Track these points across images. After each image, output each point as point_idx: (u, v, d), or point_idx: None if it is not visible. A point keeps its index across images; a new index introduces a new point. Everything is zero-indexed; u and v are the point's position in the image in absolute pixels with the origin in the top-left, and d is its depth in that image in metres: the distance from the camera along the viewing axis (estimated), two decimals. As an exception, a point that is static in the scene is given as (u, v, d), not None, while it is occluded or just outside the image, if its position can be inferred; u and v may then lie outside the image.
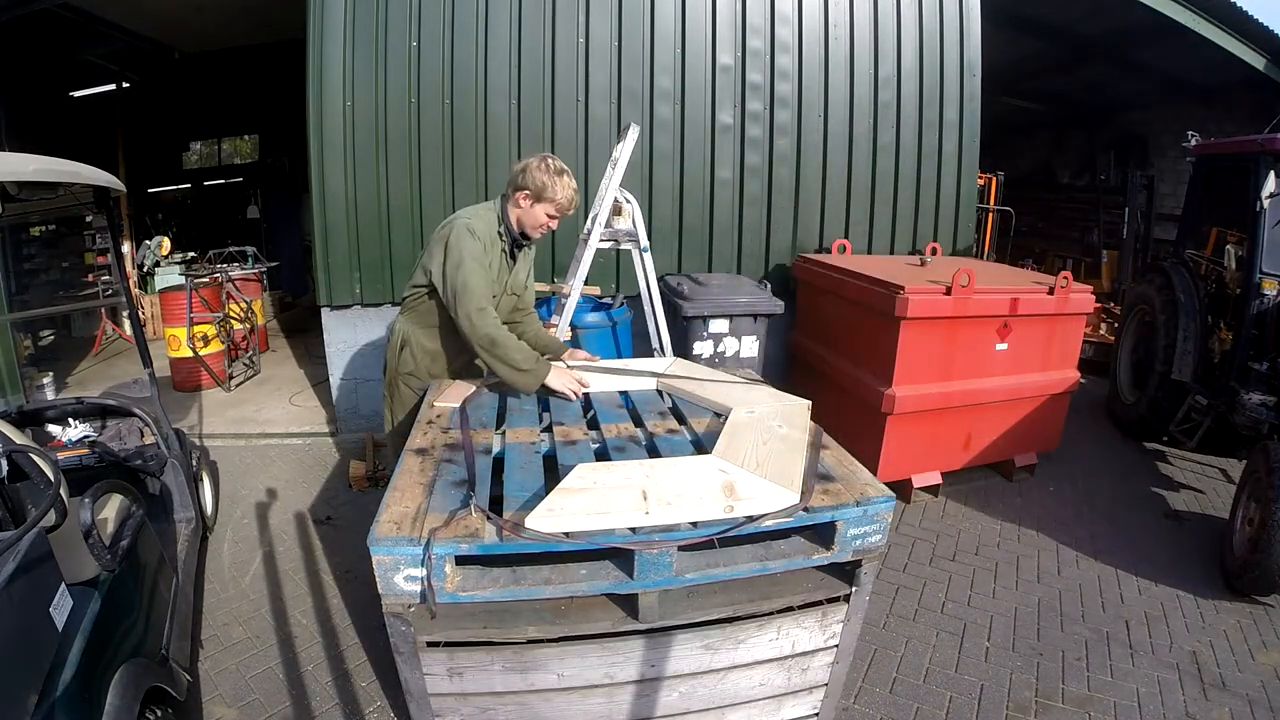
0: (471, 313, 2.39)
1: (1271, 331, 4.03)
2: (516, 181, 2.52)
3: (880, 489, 1.84)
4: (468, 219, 2.51)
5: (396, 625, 1.62)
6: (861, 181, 5.30)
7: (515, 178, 2.53)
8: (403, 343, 2.72)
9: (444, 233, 2.50)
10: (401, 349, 2.72)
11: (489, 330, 2.39)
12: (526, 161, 2.53)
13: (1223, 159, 4.77)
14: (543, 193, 2.50)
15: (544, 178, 2.49)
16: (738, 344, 4.14)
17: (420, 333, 2.71)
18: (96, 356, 6.86)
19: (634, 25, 4.85)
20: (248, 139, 12.75)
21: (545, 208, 2.54)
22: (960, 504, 4.10)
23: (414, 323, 2.72)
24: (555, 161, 2.53)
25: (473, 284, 2.40)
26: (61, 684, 1.51)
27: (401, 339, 2.72)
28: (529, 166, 2.51)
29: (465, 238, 2.45)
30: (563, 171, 2.52)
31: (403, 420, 2.72)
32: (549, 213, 2.55)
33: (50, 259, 7.63)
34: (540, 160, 2.52)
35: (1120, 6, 6.41)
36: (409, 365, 2.72)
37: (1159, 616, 3.10)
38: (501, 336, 2.41)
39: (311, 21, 4.43)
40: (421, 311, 2.69)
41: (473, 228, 2.48)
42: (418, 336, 2.71)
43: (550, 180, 2.49)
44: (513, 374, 2.43)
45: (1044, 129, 11.31)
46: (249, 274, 6.78)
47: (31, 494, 2.11)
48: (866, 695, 2.57)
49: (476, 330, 2.39)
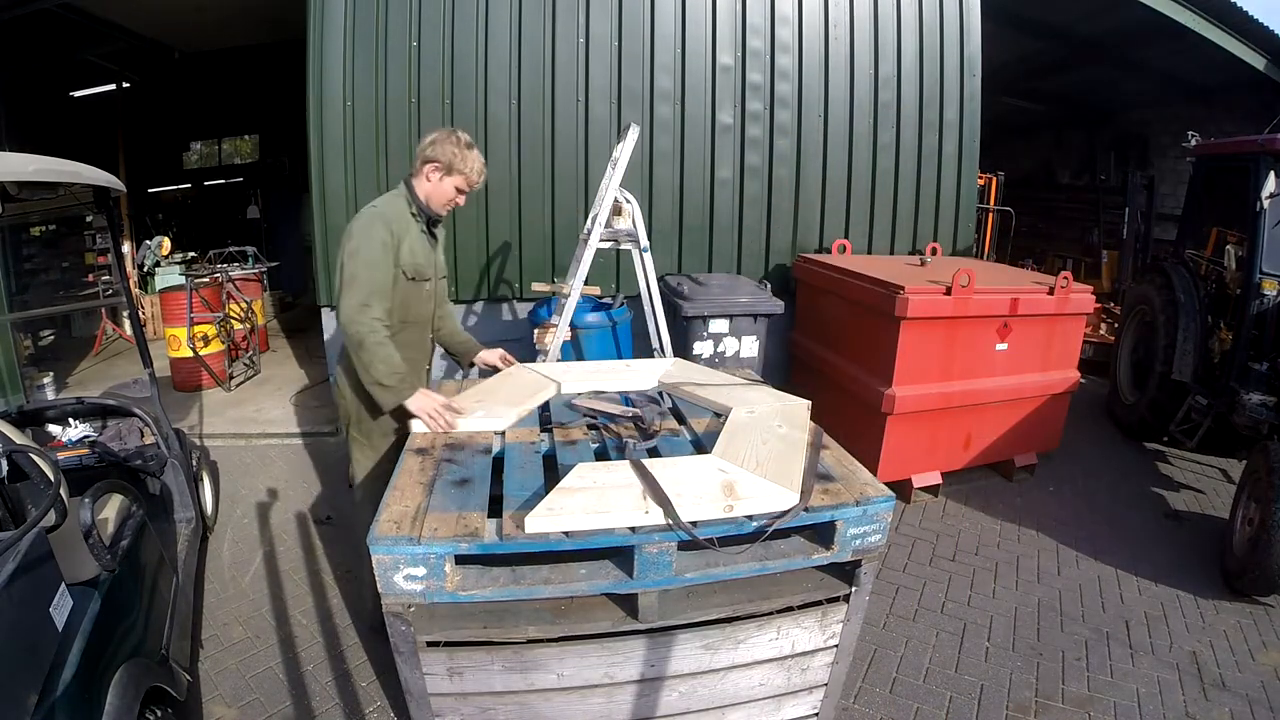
0: (353, 306, 2.23)
1: (1271, 331, 4.03)
2: (425, 154, 2.40)
3: (880, 489, 1.84)
4: (374, 204, 2.41)
5: (396, 625, 1.62)
6: (861, 181, 5.30)
7: (424, 150, 2.41)
8: (351, 373, 2.42)
9: (352, 224, 2.37)
10: (352, 382, 2.44)
11: (362, 332, 2.22)
12: (433, 135, 2.42)
13: (1223, 159, 4.77)
14: (453, 165, 2.39)
15: (454, 149, 2.38)
16: (738, 344, 4.14)
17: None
18: (96, 356, 6.86)
19: (634, 25, 4.85)
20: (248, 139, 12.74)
21: (455, 180, 2.43)
22: (960, 504, 4.10)
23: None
24: (464, 135, 2.43)
25: (363, 277, 2.26)
26: (61, 684, 1.51)
27: (348, 372, 2.45)
28: (437, 139, 2.39)
29: (374, 225, 2.31)
30: (472, 145, 2.43)
31: (382, 460, 2.49)
32: (458, 186, 2.44)
33: (50, 259, 7.64)
34: (448, 133, 2.42)
35: (1120, 6, 6.41)
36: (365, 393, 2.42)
37: (1159, 616, 3.10)
38: (372, 343, 2.22)
39: (312, 21, 4.43)
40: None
41: (383, 213, 2.35)
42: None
43: (460, 152, 2.39)
44: (372, 386, 2.26)
45: (1044, 129, 11.31)
46: (249, 274, 6.78)
47: (31, 494, 2.11)
48: (866, 695, 2.57)
49: (350, 326, 2.23)
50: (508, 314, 5.10)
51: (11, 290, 6.25)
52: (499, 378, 2.65)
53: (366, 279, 2.27)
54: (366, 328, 2.23)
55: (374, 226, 2.31)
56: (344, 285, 2.28)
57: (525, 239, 4.90)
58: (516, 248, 4.91)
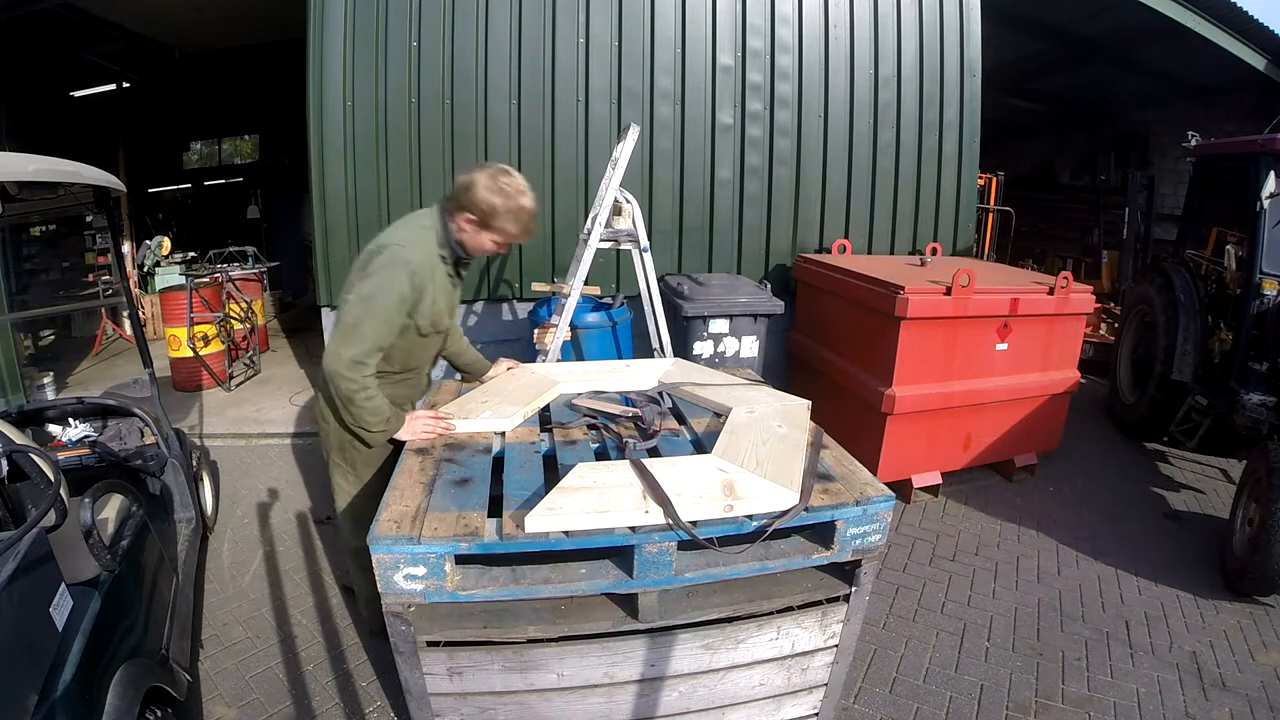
0: (347, 360, 1.97)
1: (1271, 331, 4.03)
2: (460, 199, 2.04)
3: (880, 489, 1.84)
4: (402, 244, 2.04)
5: (396, 625, 1.63)
6: (861, 181, 5.30)
7: (460, 193, 2.04)
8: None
9: (373, 258, 2.03)
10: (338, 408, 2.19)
11: (352, 390, 2.00)
12: (473, 175, 2.03)
13: (1223, 159, 4.77)
14: (491, 221, 2.03)
15: (494, 200, 2.00)
16: (738, 344, 4.14)
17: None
18: (97, 356, 6.86)
19: (634, 25, 4.85)
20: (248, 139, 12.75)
21: (493, 236, 2.08)
22: (960, 504, 4.10)
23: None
24: (514, 180, 2.04)
25: (368, 332, 1.99)
26: (61, 684, 1.51)
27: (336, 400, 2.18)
28: (477, 183, 2.01)
29: (397, 275, 2.00)
30: (523, 193, 2.04)
31: (366, 490, 2.33)
32: (496, 241, 2.11)
33: (50, 259, 7.63)
34: (491, 176, 2.02)
35: (1120, 6, 6.42)
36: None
37: (1159, 616, 3.10)
38: (361, 399, 2.02)
39: (312, 21, 4.43)
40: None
41: (409, 261, 2.01)
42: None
43: (502, 205, 2.01)
44: (360, 430, 2.14)
45: (1044, 129, 11.30)
46: (249, 274, 6.78)
47: (31, 494, 2.11)
48: (866, 695, 2.57)
49: (339, 380, 1.99)
50: (508, 314, 5.10)
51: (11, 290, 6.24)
52: (502, 378, 2.65)
53: (372, 334, 2.00)
54: (357, 385, 2.01)
55: (397, 276, 2.00)
56: (345, 329, 2.00)
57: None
58: (516, 247, 4.89)
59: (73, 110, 8.71)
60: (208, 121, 11.69)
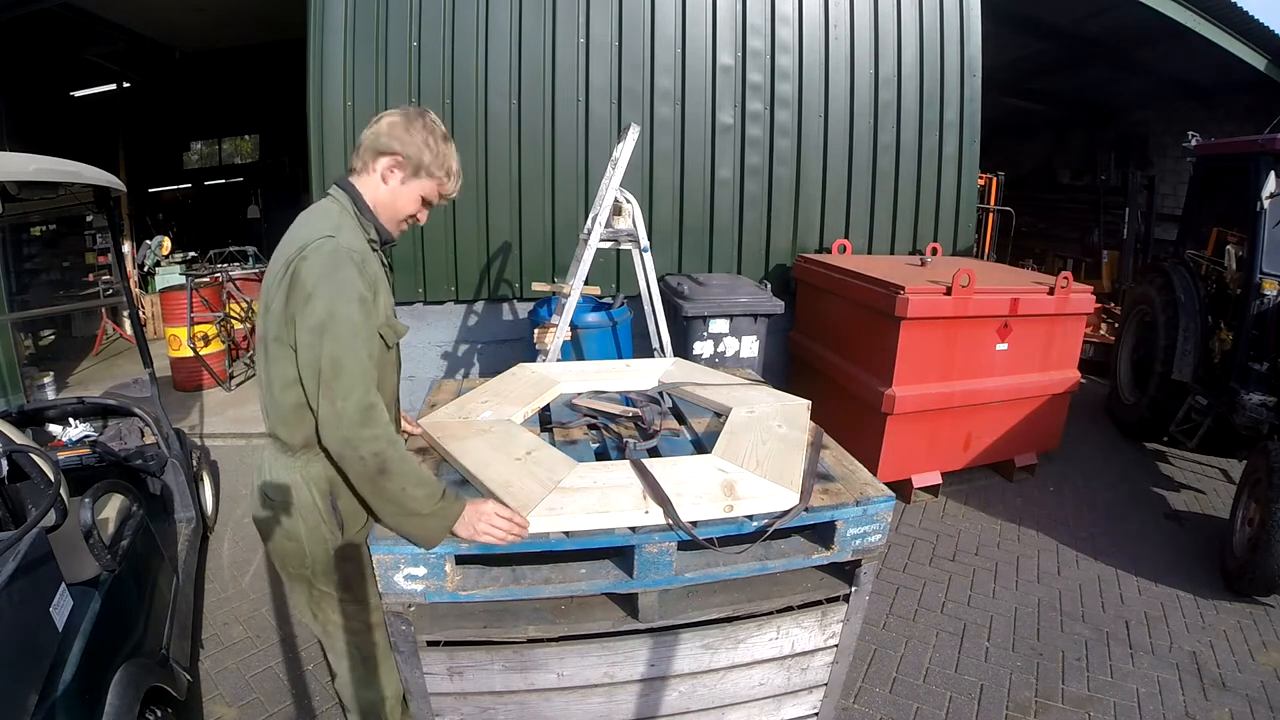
0: (354, 412, 1.41)
1: (1271, 331, 4.03)
2: (380, 142, 1.57)
3: (880, 489, 1.84)
4: (330, 234, 1.49)
5: (396, 625, 1.62)
6: (862, 181, 5.30)
7: (378, 136, 1.57)
8: (327, 494, 1.61)
9: (294, 267, 1.46)
10: (327, 506, 1.62)
11: (382, 449, 1.43)
12: (392, 115, 1.59)
13: (1223, 159, 4.77)
14: (423, 162, 1.59)
15: (427, 138, 1.58)
16: (738, 344, 4.14)
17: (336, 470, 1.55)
18: (97, 356, 6.86)
19: (634, 25, 4.85)
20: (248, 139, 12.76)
21: (424, 187, 1.62)
22: (960, 504, 4.10)
23: (323, 459, 1.56)
24: (439, 120, 1.64)
25: (350, 363, 1.42)
26: (61, 684, 1.51)
27: (317, 493, 1.60)
28: (400, 121, 1.57)
29: (344, 271, 1.45)
30: (449, 138, 1.66)
31: (377, 624, 1.81)
32: (426, 196, 1.64)
33: (51, 259, 7.65)
34: (417, 114, 1.60)
35: (1121, 6, 6.42)
36: (355, 520, 1.67)
37: (1159, 616, 3.10)
38: (397, 460, 1.45)
39: (312, 21, 4.43)
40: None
41: (348, 248, 1.48)
42: (337, 478, 1.58)
43: (436, 145, 1.60)
44: (405, 519, 1.46)
45: (1044, 129, 11.31)
46: (249, 273, 6.78)
47: (32, 494, 2.11)
48: (866, 695, 2.57)
49: (360, 446, 1.42)
50: (508, 314, 5.10)
51: (12, 290, 6.25)
52: (503, 378, 2.65)
53: (355, 365, 1.43)
54: (385, 440, 1.44)
55: (345, 276, 1.45)
56: (324, 381, 1.41)
57: (525, 239, 4.89)
58: (517, 247, 4.90)
59: (73, 110, 8.72)
60: (208, 121, 11.71)
